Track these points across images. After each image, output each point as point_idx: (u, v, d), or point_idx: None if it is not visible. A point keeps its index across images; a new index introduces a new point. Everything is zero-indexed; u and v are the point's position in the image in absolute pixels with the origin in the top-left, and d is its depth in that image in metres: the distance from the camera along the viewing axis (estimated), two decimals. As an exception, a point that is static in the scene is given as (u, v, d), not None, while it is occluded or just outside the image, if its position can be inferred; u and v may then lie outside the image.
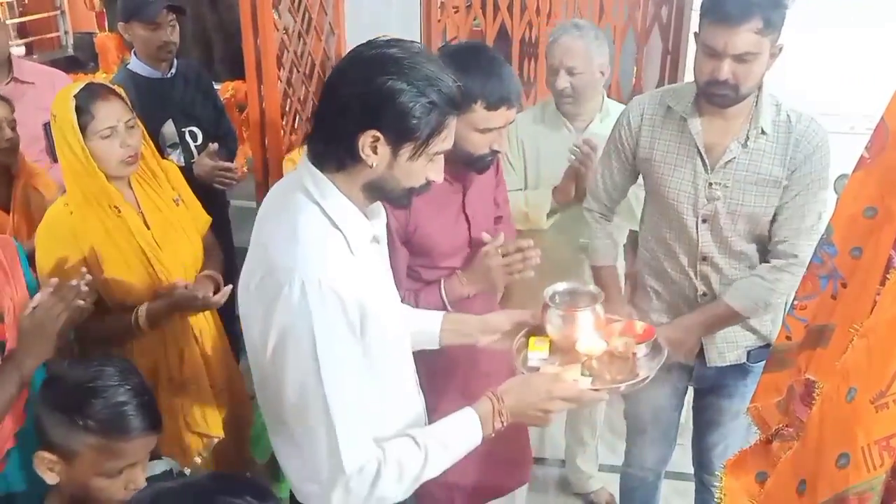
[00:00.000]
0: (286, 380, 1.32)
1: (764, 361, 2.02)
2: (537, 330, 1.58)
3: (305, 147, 1.44)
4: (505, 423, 1.40)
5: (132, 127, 2.06)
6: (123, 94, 2.09)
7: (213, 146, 2.79)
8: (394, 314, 1.49)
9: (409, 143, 1.30)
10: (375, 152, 1.30)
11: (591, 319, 1.52)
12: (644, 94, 2.06)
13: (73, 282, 1.72)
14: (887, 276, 1.40)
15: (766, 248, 1.93)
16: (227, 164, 2.77)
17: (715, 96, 1.78)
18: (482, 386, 1.48)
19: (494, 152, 1.82)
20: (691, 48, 2.79)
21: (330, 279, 1.27)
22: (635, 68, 3.61)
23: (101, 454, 1.37)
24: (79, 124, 1.95)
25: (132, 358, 2.01)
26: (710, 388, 2.16)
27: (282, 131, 2.82)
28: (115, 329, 2.05)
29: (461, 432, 1.40)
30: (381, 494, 1.32)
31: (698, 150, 1.87)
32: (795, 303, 1.72)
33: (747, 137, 1.85)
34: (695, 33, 1.85)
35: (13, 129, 2.38)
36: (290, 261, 1.30)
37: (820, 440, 1.43)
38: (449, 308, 1.87)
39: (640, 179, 2.56)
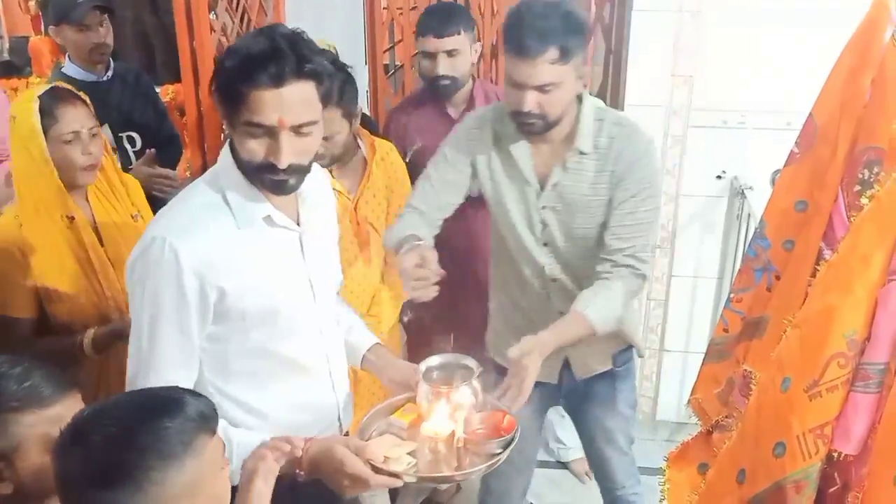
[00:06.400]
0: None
1: (629, 362, 2.03)
2: None
3: None
4: (303, 475, 1.36)
5: (95, 135, 1.96)
6: (88, 101, 2.01)
7: (151, 152, 2.72)
8: (288, 299, 1.46)
9: (225, 109, 1.34)
10: (224, 121, 1.38)
11: (458, 398, 1.45)
12: (478, 109, 1.99)
13: None
14: (818, 267, 1.44)
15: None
16: (166, 171, 2.70)
17: (524, 125, 1.75)
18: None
19: (441, 77, 2.45)
20: (633, 48, 2.83)
21: (176, 241, 1.32)
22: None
23: (39, 428, 1.33)
24: (41, 127, 1.85)
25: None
26: (581, 398, 2.10)
27: (222, 135, 2.76)
28: (58, 351, 1.95)
29: (253, 445, 1.37)
30: None
31: (525, 175, 1.83)
32: (732, 296, 1.76)
33: (565, 159, 1.80)
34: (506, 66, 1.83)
35: None
36: (155, 219, 1.40)
37: (757, 430, 1.46)
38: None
39: None
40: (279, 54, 1.28)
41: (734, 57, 2.75)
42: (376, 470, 1.33)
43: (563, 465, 3.14)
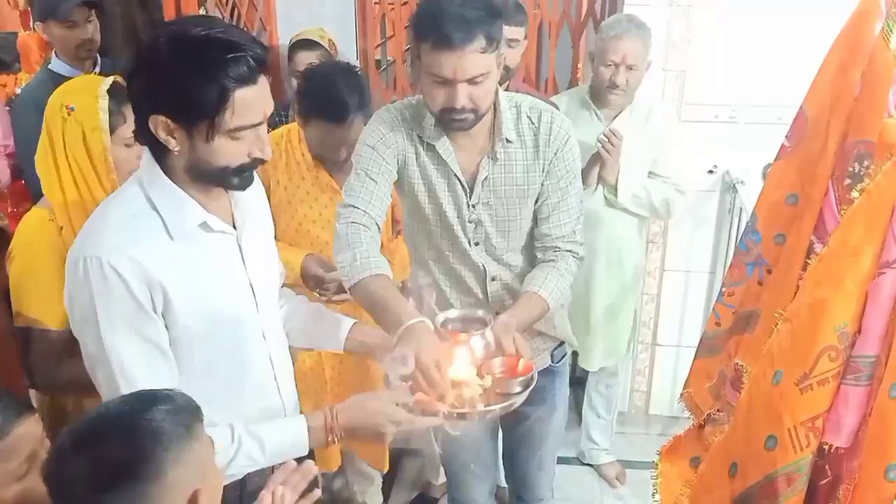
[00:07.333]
0: (83, 351, 1.36)
1: (564, 357, 2.03)
2: None
3: None
4: (338, 439, 1.42)
5: None
6: None
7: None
8: (231, 307, 1.41)
9: (196, 124, 1.24)
10: (173, 136, 1.26)
11: (475, 346, 1.51)
12: (393, 106, 1.80)
13: None
14: (809, 261, 1.44)
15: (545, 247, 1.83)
16: None
17: (454, 122, 1.64)
18: None
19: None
20: (624, 42, 2.83)
21: (111, 258, 1.26)
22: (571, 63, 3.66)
23: None
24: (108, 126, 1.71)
25: None
26: (524, 401, 2.08)
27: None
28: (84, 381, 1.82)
29: (285, 438, 1.41)
30: None
31: (454, 174, 1.74)
32: (724, 289, 1.76)
33: (494, 150, 1.72)
34: (413, 56, 1.68)
35: None
36: (80, 239, 1.33)
37: (749, 423, 1.46)
38: None
39: (654, 167, 2.57)
40: (243, 48, 1.23)
41: (725, 51, 2.75)
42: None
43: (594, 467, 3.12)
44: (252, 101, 1.25)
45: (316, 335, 1.65)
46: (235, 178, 1.33)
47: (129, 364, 1.32)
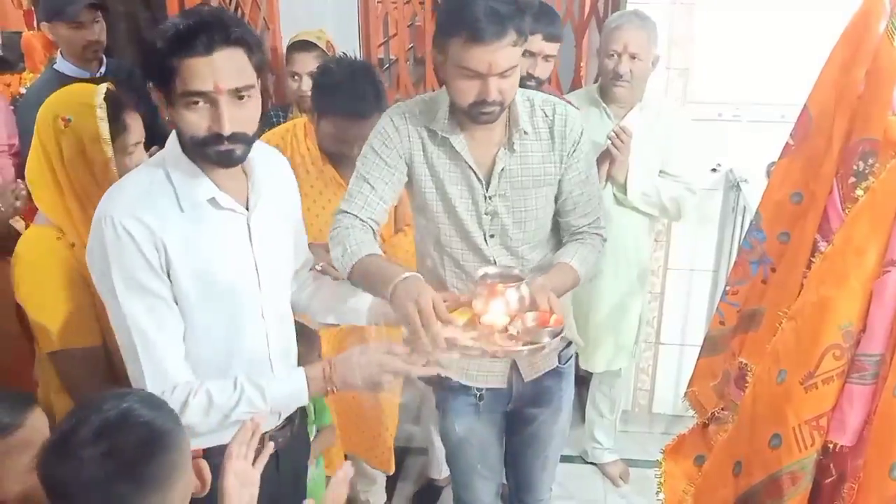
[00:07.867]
0: (105, 305, 1.46)
1: (571, 358, 2.03)
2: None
3: None
4: (336, 389, 1.49)
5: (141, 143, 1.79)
6: None
7: (153, 150, 2.71)
8: (231, 282, 1.47)
9: (163, 87, 1.36)
10: (160, 102, 1.39)
11: (510, 297, 1.55)
12: (402, 105, 1.82)
13: None
14: (813, 259, 1.44)
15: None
16: None
17: (483, 115, 1.66)
18: None
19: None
20: (627, 40, 2.82)
21: (123, 218, 1.37)
22: (574, 61, 3.66)
23: (5, 459, 1.31)
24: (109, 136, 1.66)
25: None
26: (528, 402, 2.01)
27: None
28: None
29: (284, 386, 1.49)
30: (188, 422, 1.39)
31: (469, 167, 1.75)
32: (728, 288, 1.76)
33: (511, 142, 1.74)
34: (434, 52, 1.70)
35: None
36: (100, 203, 1.43)
37: (753, 422, 1.46)
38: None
39: (665, 166, 2.58)
40: (205, 25, 1.32)
41: (729, 49, 2.75)
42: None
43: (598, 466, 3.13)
44: (202, 70, 1.32)
45: (339, 309, 1.71)
46: (207, 150, 1.39)
47: (139, 315, 1.41)
